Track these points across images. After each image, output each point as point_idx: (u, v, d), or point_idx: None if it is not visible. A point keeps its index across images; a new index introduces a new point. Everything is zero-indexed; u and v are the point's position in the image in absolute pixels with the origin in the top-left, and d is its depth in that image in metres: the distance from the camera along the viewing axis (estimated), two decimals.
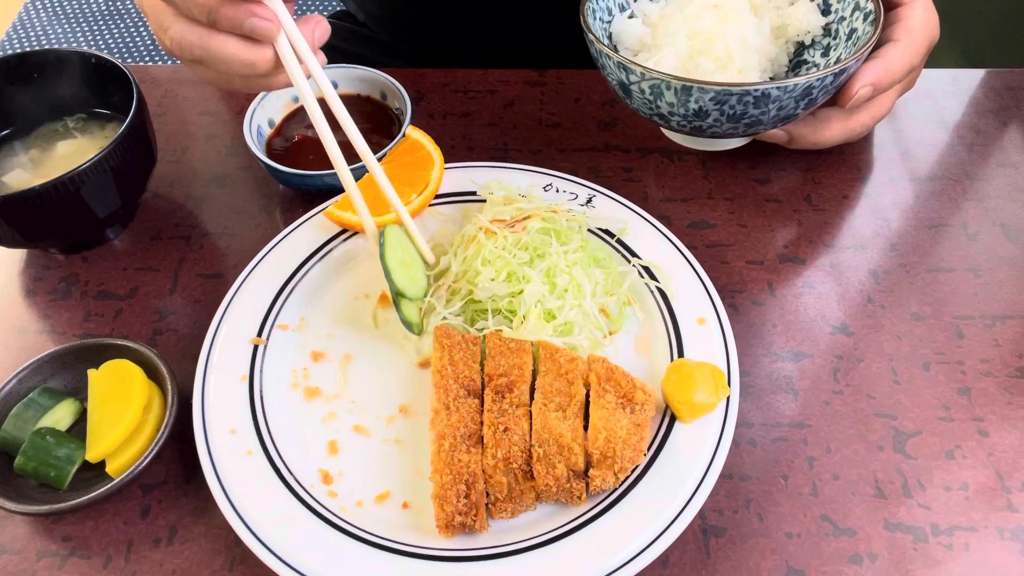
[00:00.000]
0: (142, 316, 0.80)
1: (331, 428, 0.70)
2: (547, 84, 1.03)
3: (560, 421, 0.63)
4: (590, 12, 0.86)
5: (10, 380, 0.68)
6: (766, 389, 0.73)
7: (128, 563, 0.63)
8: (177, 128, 0.98)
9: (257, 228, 0.87)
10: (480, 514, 0.61)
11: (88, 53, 0.83)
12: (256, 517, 0.62)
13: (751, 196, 0.90)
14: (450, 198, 0.85)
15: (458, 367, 0.67)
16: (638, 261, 0.78)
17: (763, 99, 0.75)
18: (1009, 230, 0.86)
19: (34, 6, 2.65)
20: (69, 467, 0.65)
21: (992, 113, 0.99)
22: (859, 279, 0.82)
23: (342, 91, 0.94)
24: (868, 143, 0.95)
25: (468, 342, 0.69)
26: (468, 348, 0.68)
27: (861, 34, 0.82)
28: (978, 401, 0.72)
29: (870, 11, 0.82)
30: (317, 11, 2.72)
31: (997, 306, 0.79)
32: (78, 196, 0.75)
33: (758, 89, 0.74)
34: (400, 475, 0.67)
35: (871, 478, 0.67)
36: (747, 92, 0.74)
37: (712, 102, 0.76)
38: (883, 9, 0.82)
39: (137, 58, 2.49)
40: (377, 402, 0.71)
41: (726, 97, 0.75)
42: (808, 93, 0.76)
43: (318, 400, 0.71)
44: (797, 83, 0.74)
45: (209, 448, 0.65)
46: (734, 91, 0.74)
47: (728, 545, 0.64)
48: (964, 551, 0.63)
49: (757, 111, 0.77)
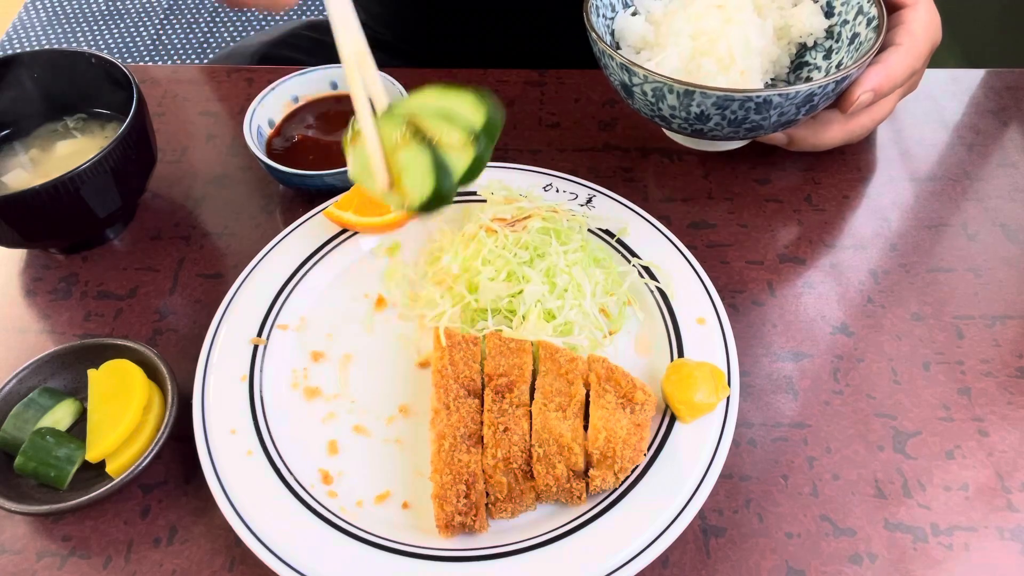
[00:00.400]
0: (142, 316, 0.80)
1: (331, 428, 0.70)
2: (547, 84, 1.03)
3: (560, 421, 0.63)
4: (593, 9, 0.86)
5: (10, 380, 0.68)
6: (766, 389, 0.73)
7: (128, 563, 0.63)
8: (177, 128, 0.98)
9: (257, 228, 0.87)
10: (480, 514, 0.61)
11: (88, 53, 0.83)
12: (256, 517, 0.62)
13: (751, 196, 0.90)
14: None
15: (458, 367, 0.67)
16: (638, 261, 0.78)
17: (765, 105, 0.75)
18: (1009, 230, 0.86)
19: (34, 6, 2.65)
20: (69, 467, 0.65)
21: (992, 113, 0.99)
22: (859, 279, 0.82)
23: (342, 91, 0.94)
24: (868, 143, 0.95)
25: (468, 342, 0.69)
26: (468, 348, 0.68)
27: (864, 39, 0.82)
28: (978, 401, 0.72)
29: (873, 16, 0.82)
30: (317, 11, 2.72)
31: (997, 306, 0.79)
32: (78, 196, 0.75)
33: (760, 96, 0.74)
34: (400, 475, 0.67)
35: (871, 478, 0.67)
36: (749, 98, 0.74)
37: (714, 107, 0.76)
38: (886, 13, 0.82)
39: (137, 58, 2.50)
40: (377, 402, 0.71)
41: (728, 103, 0.75)
42: (809, 100, 0.76)
43: (318, 400, 0.71)
44: (799, 90, 0.74)
45: (209, 448, 0.65)
46: (736, 97, 0.74)
47: (728, 545, 0.64)
48: (964, 551, 0.63)
49: (758, 116, 0.77)
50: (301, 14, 2.69)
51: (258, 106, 0.89)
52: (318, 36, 1.21)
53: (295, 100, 0.93)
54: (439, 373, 0.67)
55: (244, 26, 2.61)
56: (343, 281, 0.80)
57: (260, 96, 0.90)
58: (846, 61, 0.84)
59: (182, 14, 2.62)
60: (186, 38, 2.55)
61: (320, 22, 1.27)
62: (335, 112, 0.92)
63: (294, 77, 0.92)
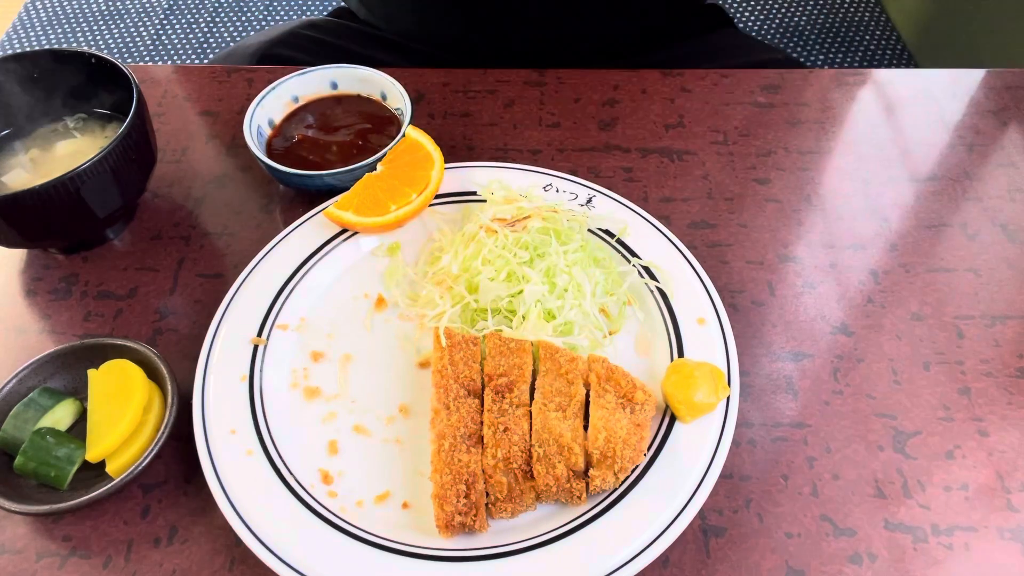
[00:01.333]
0: (142, 316, 0.80)
1: (331, 428, 0.70)
2: (547, 84, 1.03)
3: (560, 421, 0.63)
4: None
5: (10, 380, 0.68)
6: (766, 389, 0.73)
7: (128, 563, 0.63)
8: (177, 128, 0.98)
9: (257, 228, 0.87)
10: (480, 514, 0.61)
11: (88, 53, 0.83)
12: (256, 517, 0.62)
13: (751, 196, 0.90)
14: (450, 198, 0.85)
15: (458, 367, 0.67)
16: (638, 261, 0.78)
17: None
18: (1009, 230, 0.86)
19: (34, 6, 2.65)
20: (69, 467, 0.65)
21: (992, 113, 0.99)
22: (859, 279, 0.82)
23: (342, 91, 0.94)
24: (868, 143, 0.95)
25: (468, 342, 0.69)
26: (468, 348, 0.68)
27: None
28: (978, 401, 0.72)
29: None
30: (316, 9, 2.72)
31: (997, 306, 0.79)
32: (78, 196, 0.75)
33: None
34: (400, 475, 0.67)
35: (871, 478, 0.67)
36: None
37: None
38: None
39: (137, 58, 2.49)
40: (377, 402, 0.71)
41: None
42: None
43: (318, 400, 0.71)
44: None
45: (209, 448, 0.65)
46: None
47: (728, 545, 0.64)
48: (964, 551, 0.63)
49: None
50: (301, 14, 2.69)
51: (258, 106, 0.89)
52: (318, 36, 1.21)
53: (295, 100, 0.93)
54: (439, 373, 0.67)
55: (244, 26, 2.60)
56: (343, 281, 0.80)
57: (260, 96, 0.89)
58: None
59: (182, 14, 2.61)
60: (186, 38, 2.54)
61: (320, 22, 1.27)
62: (335, 112, 0.92)
63: (294, 77, 0.92)
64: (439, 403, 0.65)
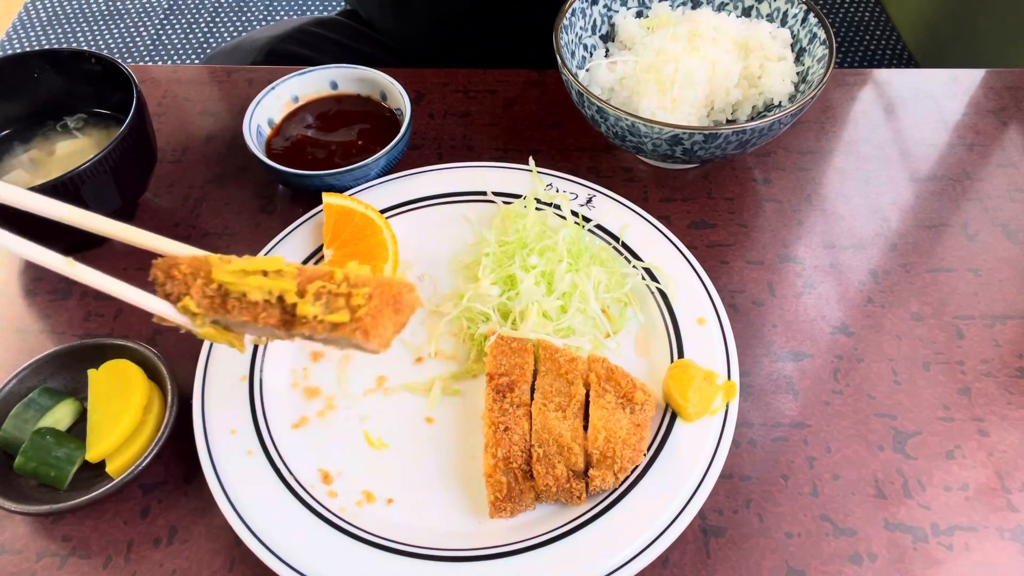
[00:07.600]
0: (142, 316, 0.79)
1: (331, 428, 0.70)
2: (547, 84, 1.03)
3: (560, 421, 0.63)
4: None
5: (10, 380, 0.68)
6: (766, 389, 0.73)
7: (128, 563, 0.63)
8: (177, 128, 0.98)
9: (257, 228, 0.87)
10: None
11: (88, 53, 0.83)
12: (256, 517, 0.62)
13: (751, 196, 0.90)
14: (450, 198, 0.85)
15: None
16: (639, 264, 0.78)
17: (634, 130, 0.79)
18: (1009, 230, 0.86)
19: (34, 6, 2.65)
20: (69, 467, 0.65)
21: (992, 113, 0.99)
22: (859, 279, 0.82)
23: (342, 91, 0.94)
24: (868, 143, 0.95)
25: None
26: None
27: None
28: (978, 401, 0.72)
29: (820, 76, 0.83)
30: (316, 9, 2.72)
31: (997, 306, 0.79)
32: (78, 196, 0.75)
33: (630, 120, 0.78)
34: (400, 475, 0.67)
35: (871, 478, 0.67)
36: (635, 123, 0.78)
37: (628, 129, 0.80)
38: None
39: (137, 58, 2.49)
40: (377, 402, 0.71)
41: (622, 123, 0.79)
42: (677, 141, 0.78)
43: (318, 400, 0.71)
44: (664, 129, 0.77)
45: (209, 448, 0.65)
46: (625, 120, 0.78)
47: (728, 545, 0.64)
48: (964, 551, 0.63)
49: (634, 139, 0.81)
50: (301, 14, 2.70)
51: (258, 106, 0.89)
52: (326, 34, 1.21)
53: (295, 100, 0.93)
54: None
55: (244, 26, 2.61)
56: None
57: (260, 96, 0.89)
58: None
59: (182, 14, 2.62)
60: (186, 38, 2.54)
61: (328, 19, 1.27)
62: (335, 112, 0.92)
63: (294, 77, 0.92)
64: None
